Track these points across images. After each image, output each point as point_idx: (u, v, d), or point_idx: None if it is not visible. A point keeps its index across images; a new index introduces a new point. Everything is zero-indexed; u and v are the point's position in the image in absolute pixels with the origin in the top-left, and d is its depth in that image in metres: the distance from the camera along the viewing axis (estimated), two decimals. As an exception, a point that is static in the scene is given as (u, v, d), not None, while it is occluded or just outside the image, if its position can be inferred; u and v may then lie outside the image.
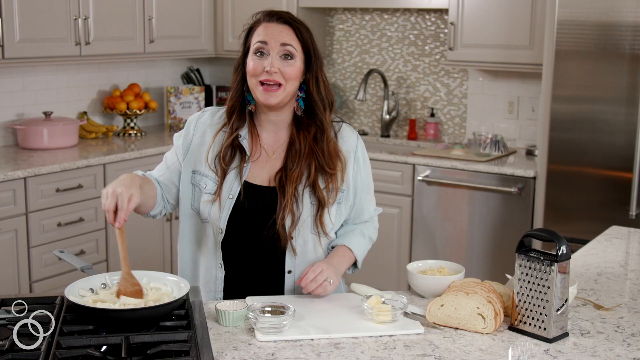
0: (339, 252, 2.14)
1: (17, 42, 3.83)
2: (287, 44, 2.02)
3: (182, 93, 4.94)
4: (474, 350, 1.71)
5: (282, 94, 2.03)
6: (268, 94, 2.02)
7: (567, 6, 3.61)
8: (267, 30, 2.03)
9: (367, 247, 2.23)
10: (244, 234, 2.09)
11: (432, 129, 4.79)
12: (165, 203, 2.17)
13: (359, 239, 2.18)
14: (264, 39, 2.02)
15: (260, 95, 2.03)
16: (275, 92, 2.02)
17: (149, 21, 4.51)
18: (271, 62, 2.00)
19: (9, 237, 3.58)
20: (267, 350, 1.70)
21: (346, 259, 2.14)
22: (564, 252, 1.76)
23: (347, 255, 2.15)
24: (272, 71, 2.00)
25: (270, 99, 2.02)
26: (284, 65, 2.02)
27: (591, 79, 3.62)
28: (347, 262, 2.15)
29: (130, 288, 1.81)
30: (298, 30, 2.04)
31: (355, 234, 2.19)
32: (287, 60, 2.02)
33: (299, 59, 2.04)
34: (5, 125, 4.22)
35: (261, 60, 2.02)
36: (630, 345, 1.76)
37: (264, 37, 2.02)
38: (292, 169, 2.08)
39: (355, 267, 2.21)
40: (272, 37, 2.02)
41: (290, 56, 2.03)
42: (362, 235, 2.20)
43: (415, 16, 4.81)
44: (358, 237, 2.19)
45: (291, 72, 2.02)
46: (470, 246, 4.12)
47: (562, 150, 3.72)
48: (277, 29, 2.03)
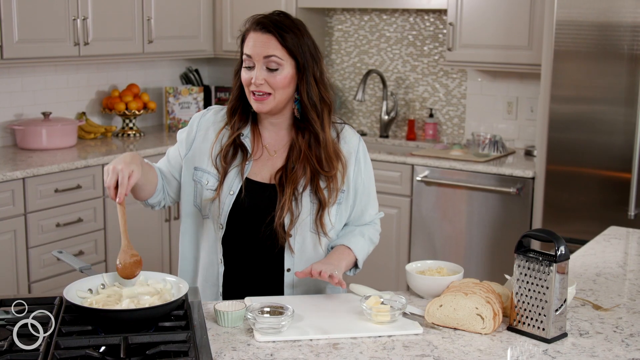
0: (337, 251, 2.14)
1: (16, 42, 3.83)
2: (270, 56, 2.03)
3: (180, 93, 4.94)
4: (472, 351, 1.71)
5: (273, 102, 2.06)
6: (259, 103, 2.06)
7: (565, 6, 3.61)
8: (253, 43, 2.05)
9: (367, 248, 2.22)
10: (244, 230, 2.11)
11: (430, 130, 4.79)
12: (165, 194, 2.19)
13: (358, 239, 2.18)
14: (249, 53, 2.05)
15: (253, 104, 2.08)
16: (265, 101, 2.06)
17: (147, 21, 4.51)
18: (256, 76, 2.04)
19: (7, 237, 3.57)
20: (266, 350, 1.70)
21: (345, 257, 2.13)
22: (563, 253, 1.76)
23: (346, 253, 2.14)
24: (258, 83, 2.04)
25: (261, 108, 2.07)
26: (270, 76, 2.04)
27: (590, 80, 3.63)
28: (347, 260, 2.13)
29: (130, 259, 1.84)
30: (282, 38, 2.03)
31: (354, 235, 2.20)
32: (272, 72, 2.04)
33: (287, 67, 2.04)
34: (4, 125, 4.22)
35: (249, 72, 2.06)
36: (629, 345, 1.76)
37: (249, 50, 2.05)
38: (292, 169, 2.09)
39: (357, 268, 2.21)
40: (255, 51, 2.04)
41: (275, 68, 2.04)
42: (361, 235, 2.20)
43: (414, 17, 4.81)
44: (357, 237, 2.19)
45: (277, 82, 2.04)
46: (469, 246, 4.12)
47: (561, 151, 3.72)
48: (260, 40, 2.04)
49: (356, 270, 2.21)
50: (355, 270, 2.21)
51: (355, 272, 2.22)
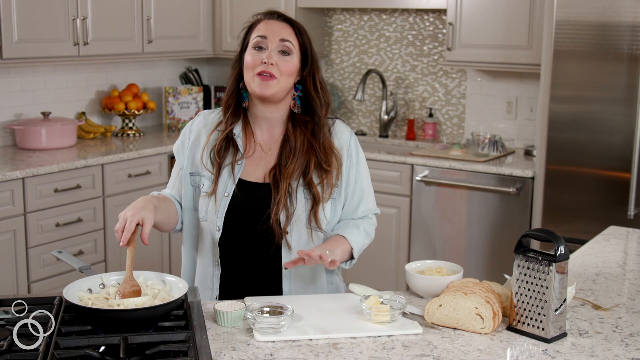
0: (331, 239, 2.12)
1: (16, 42, 3.82)
2: (285, 40, 2.08)
3: (180, 93, 4.94)
4: (472, 351, 1.71)
5: (277, 87, 2.07)
6: (264, 84, 2.05)
7: (565, 6, 3.61)
8: (267, 26, 2.09)
9: (362, 240, 2.18)
10: (240, 230, 2.11)
11: (430, 129, 4.79)
12: None
13: (353, 229, 2.16)
14: (264, 34, 2.08)
15: (257, 87, 2.06)
16: (270, 82, 2.05)
17: (147, 21, 4.51)
18: (269, 55, 2.06)
19: (7, 237, 3.57)
20: (266, 350, 1.70)
21: (340, 244, 2.10)
22: (562, 252, 1.76)
23: (341, 241, 2.11)
24: (269, 62, 2.05)
25: (265, 90, 2.06)
26: (281, 60, 2.07)
27: (589, 79, 3.63)
28: (342, 248, 2.10)
29: (129, 289, 1.82)
30: (297, 29, 2.11)
31: (349, 226, 2.17)
32: (284, 55, 2.08)
33: (295, 56, 2.10)
34: (4, 125, 4.22)
35: (259, 53, 2.07)
36: (629, 345, 1.76)
37: (264, 32, 2.08)
38: (285, 165, 2.10)
39: (352, 259, 2.17)
40: (271, 32, 2.08)
41: (287, 52, 2.08)
42: (356, 227, 2.17)
43: (414, 16, 4.81)
44: (352, 228, 2.16)
45: (287, 67, 2.07)
46: (469, 246, 4.12)
47: (561, 151, 3.73)
48: (277, 26, 2.09)
49: (352, 262, 2.18)
50: (351, 262, 2.17)
51: (350, 265, 2.18)
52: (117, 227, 1.89)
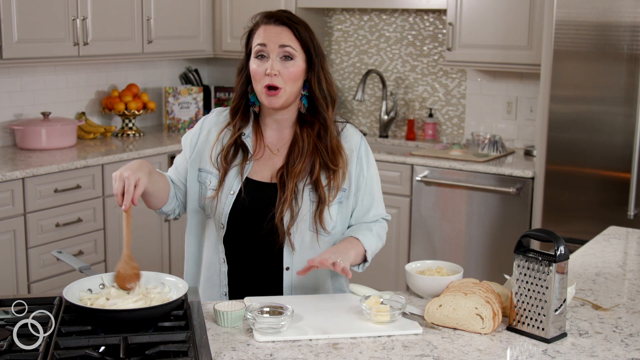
0: (345, 240, 2.11)
1: (16, 42, 3.82)
2: (285, 45, 2.05)
3: (180, 93, 4.93)
4: (472, 351, 1.71)
5: (284, 96, 2.06)
6: (272, 98, 2.06)
7: (565, 6, 3.61)
8: (266, 33, 2.07)
9: (375, 243, 2.17)
10: (244, 229, 2.11)
11: (430, 130, 4.79)
12: (178, 202, 2.21)
13: (366, 232, 2.15)
14: (263, 42, 2.06)
15: (265, 100, 2.07)
16: (277, 95, 2.05)
17: (147, 21, 4.51)
18: (271, 65, 2.04)
19: (7, 237, 3.57)
20: (266, 350, 1.70)
21: (354, 246, 2.09)
22: (562, 253, 1.76)
23: (355, 243, 2.11)
24: (273, 74, 2.03)
25: (274, 103, 2.06)
26: (284, 67, 2.05)
27: (589, 80, 3.63)
28: (355, 250, 2.08)
29: (129, 271, 1.83)
30: (296, 30, 2.08)
31: (362, 229, 2.17)
32: (287, 61, 2.06)
33: (299, 59, 2.07)
34: (4, 125, 4.22)
35: (262, 63, 2.06)
36: (629, 345, 1.76)
37: (263, 39, 2.06)
38: (293, 165, 2.09)
39: (365, 262, 2.16)
40: (270, 39, 2.05)
41: (290, 57, 2.06)
42: (369, 230, 2.17)
43: (414, 16, 4.81)
44: (364, 231, 2.16)
45: (291, 73, 2.05)
46: (469, 246, 4.12)
47: (561, 151, 3.73)
48: (275, 31, 2.06)
49: (365, 265, 2.17)
50: (364, 265, 2.16)
51: (364, 268, 2.17)
52: (116, 190, 1.87)
